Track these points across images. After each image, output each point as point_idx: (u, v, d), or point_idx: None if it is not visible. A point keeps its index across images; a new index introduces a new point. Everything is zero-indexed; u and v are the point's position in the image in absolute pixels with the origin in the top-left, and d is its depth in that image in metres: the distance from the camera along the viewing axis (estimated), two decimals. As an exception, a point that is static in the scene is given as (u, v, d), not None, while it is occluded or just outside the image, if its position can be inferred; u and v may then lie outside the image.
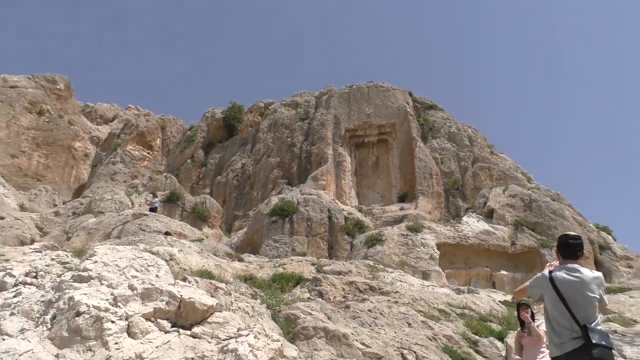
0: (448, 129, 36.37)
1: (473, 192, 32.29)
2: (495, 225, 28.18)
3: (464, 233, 27.55)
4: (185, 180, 41.12)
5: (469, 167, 33.88)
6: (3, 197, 34.94)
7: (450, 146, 35.16)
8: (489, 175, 32.95)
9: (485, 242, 27.19)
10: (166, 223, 26.68)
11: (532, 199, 29.34)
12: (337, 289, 12.71)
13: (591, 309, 5.28)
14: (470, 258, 27.11)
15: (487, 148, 35.43)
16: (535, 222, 27.97)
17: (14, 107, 47.94)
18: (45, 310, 7.07)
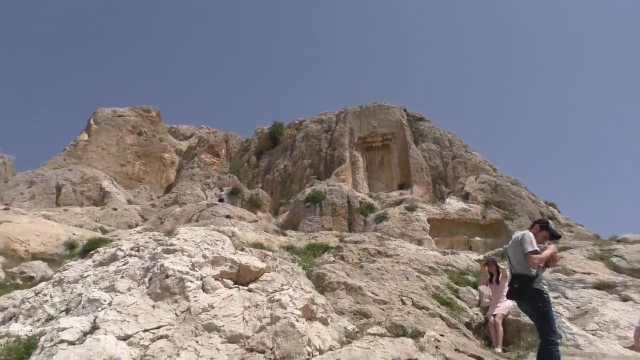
0: (433, 134, 36.12)
1: (453, 181, 32.02)
2: (470, 204, 27.90)
3: (447, 210, 27.34)
4: (243, 178, 41.34)
5: (449, 162, 33.63)
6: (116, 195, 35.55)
7: (435, 147, 34.91)
8: (465, 167, 32.64)
9: (463, 217, 26.97)
10: (230, 210, 26.86)
11: (497, 184, 28.98)
12: (354, 253, 12.67)
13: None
14: (452, 229, 26.88)
15: (463, 147, 35.12)
16: (500, 201, 27.63)
17: (121, 130, 48.66)
18: (144, 274, 7.16)
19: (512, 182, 29.48)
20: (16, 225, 16.09)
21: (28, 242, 15.14)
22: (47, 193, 33.52)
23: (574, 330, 8.24)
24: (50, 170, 38.24)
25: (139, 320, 5.76)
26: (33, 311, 7.15)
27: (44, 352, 4.98)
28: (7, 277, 11.83)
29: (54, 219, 21.28)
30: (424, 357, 5.59)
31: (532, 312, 5.71)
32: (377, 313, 7.82)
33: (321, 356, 5.52)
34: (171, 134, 60.44)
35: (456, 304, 9.55)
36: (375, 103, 38.76)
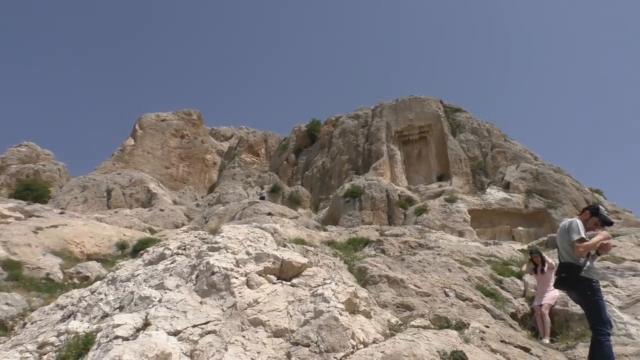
0: (471, 125, 35.39)
1: (493, 171, 31.29)
2: (511, 194, 27.23)
3: (488, 201, 26.80)
4: (283, 176, 41.67)
5: (488, 152, 32.86)
6: (162, 196, 36.50)
7: (473, 138, 34.19)
8: (505, 157, 31.81)
9: (504, 207, 26.38)
10: (271, 207, 27.15)
11: (538, 172, 28.16)
12: (395, 246, 12.56)
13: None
14: (494, 219, 26.33)
15: (502, 137, 34.26)
16: (542, 190, 26.84)
17: (165, 134, 49.92)
18: (191, 271, 7.30)
19: (555, 170, 28.56)
20: (72, 228, 16.75)
21: (83, 244, 15.73)
22: (98, 197, 34.75)
23: (626, 319, 7.91)
24: (100, 175, 39.62)
25: (188, 316, 5.89)
26: (89, 309, 7.42)
27: (100, 347, 5.16)
28: (65, 277, 12.34)
29: (106, 221, 22.04)
30: (469, 349, 5.48)
31: (582, 301, 5.51)
32: (420, 305, 7.73)
33: (365, 349, 5.49)
34: (212, 135, 61.50)
35: (500, 295, 9.32)
36: (411, 96, 38.29)
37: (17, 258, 12.09)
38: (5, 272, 11.08)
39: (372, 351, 5.35)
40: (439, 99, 38.25)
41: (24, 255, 12.53)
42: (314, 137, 45.00)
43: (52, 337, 6.13)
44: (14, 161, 43.47)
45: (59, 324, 7.38)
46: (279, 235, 11.00)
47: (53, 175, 41.67)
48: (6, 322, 8.62)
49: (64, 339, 5.93)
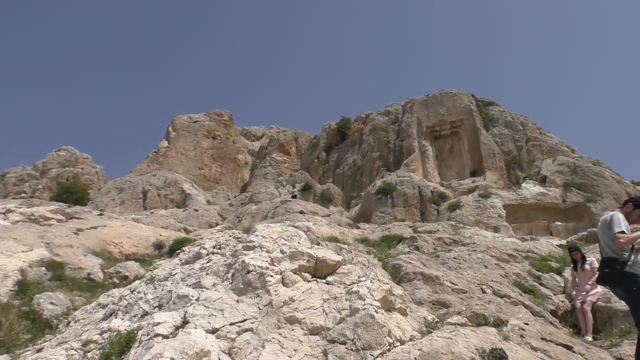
0: (504, 118, 34.65)
1: (528, 165, 30.58)
2: (548, 188, 26.57)
3: (523, 196, 26.24)
4: (314, 174, 41.78)
5: (523, 146, 32.10)
6: (196, 197, 37.11)
7: (507, 132, 33.47)
8: (540, 150, 31.02)
9: (541, 201, 25.76)
10: (303, 205, 27.24)
11: (576, 165, 27.37)
12: (429, 243, 12.44)
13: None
14: (530, 214, 25.76)
15: (537, 130, 33.41)
16: (580, 183, 26.07)
17: (197, 135, 50.74)
18: (227, 270, 7.39)
19: (593, 163, 27.69)
20: (110, 229, 17.20)
21: (121, 244, 16.14)
22: (134, 198, 35.60)
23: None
24: (136, 176, 40.56)
25: (225, 314, 5.97)
26: (130, 307, 7.61)
27: (141, 345, 5.29)
28: (105, 276, 12.69)
29: (143, 222, 22.56)
30: (509, 347, 5.38)
31: (627, 297, 5.31)
32: (457, 302, 7.63)
33: (402, 346, 5.46)
34: (243, 135, 62.15)
35: (539, 292, 9.11)
36: (442, 91, 37.78)
37: (60, 259, 12.50)
38: (49, 272, 11.47)
39: (409, 349, 5.32)
40: (471, 93, 37.60)
41: (66, 256, 12.94)
42: (345, 135, 44.94)
43: (95, 335, 6.32)
44: (54, 165, 44.99)
45: (101, 322, 7.60)
46: (312, 234, 11.03)
47: (91, 178, 42.94)
48: (51, 321, 8.92)
49: (106, 337, 6.10)
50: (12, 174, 42.74)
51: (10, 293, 9.65)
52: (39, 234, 14.01)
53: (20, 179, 42.21)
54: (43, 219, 16.44)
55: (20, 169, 43.79)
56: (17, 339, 8.19)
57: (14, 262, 10.98)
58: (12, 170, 43.28)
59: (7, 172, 43.04)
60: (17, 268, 10.76)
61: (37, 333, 8.51)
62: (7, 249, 11.55)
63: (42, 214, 16.78)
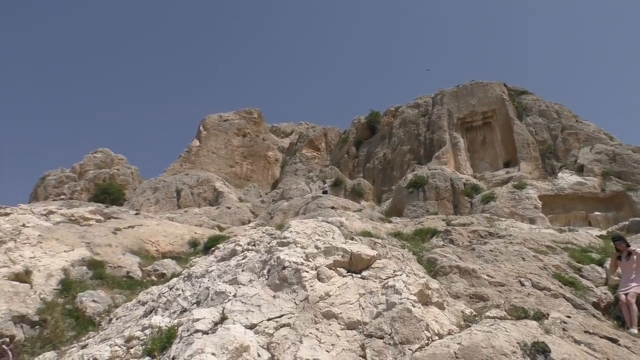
0: (538, 107, 33.81)
1: (564, 154, 29.80)
2: (585, 177, 25.82)
3: (560, 186, 25.56)
4: (344, 169, 41.72)
5: (558, 135, 31.29)
6: (228, 194, 37.58)
7: (541, 120, 32.66)
8: (577, 139, 30.17)
9: (578, 191, 25.05)
10: (334, 201, 27.28)
11: (615, 153, 26.50)
12: (464, 236, 12.26)
13: None
14: (567, 204, 25.08)
15: (573, 118, 32.48)
16: (620, 171, 25.24)
17: (227, 134, 51.38)
18: (263, 266, 7.47)
19: (634, 150, 26.74)
20: (146, 228, 17.59)
21: (158, 243, 16.49)
22: (168, 197, 36.31)
23: None
24: (169, 176, 41.36)
25: (262, 310, 6.04)
26: (169, 304, 7.78)
27: (182, 341, 5.40)
28: (143, 274, 12.99)
29: (177, 220, 22.99)
30: (551, 340, 5.27)
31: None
32: (495, 296, 7.51)
33: (441, 340, 5.41)
34: (272, 132, 62.54)
35: (581, 284, 8.87)
36: (473, 81, 37.11)
37: (100, 258, 12.86)
38: (90, 271, 11.82)
39: (448, 342, 5.27)
40: (502, 82, 36.84)
41: (105, 255, 13.31)
42: (374, 129, 44.69)
43: (137, 331, 6.48)
44: (91, 167, 46.29)
45: (142, 319, 7.80)
46: (346, 229, 11.02)
47: (127, 179, 43.97)
48: (94, 318, 9.20)
49: (148, 333, 6.26)
50: (51, 176, 44.17)
51: (55, 292, 9.99)
52: (79, 234, 14.44)
53: (59, 181, 43.59)
54: (83, 219, 16.93)
55: (59, 171, 45.21)
56: (63, 336, 8.49)
57: (57, 261, 11.36)
58: (51, 173, 44.72)
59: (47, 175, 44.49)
60: (60, 267, 11.12)
61: (81, 330, 8.80)
62: (50, 249, 11.95)
63: (82, 215, 17.29)
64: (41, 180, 44.19)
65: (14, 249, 11.16)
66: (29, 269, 10.34)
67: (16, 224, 12.90)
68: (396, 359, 5.17)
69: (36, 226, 13.26)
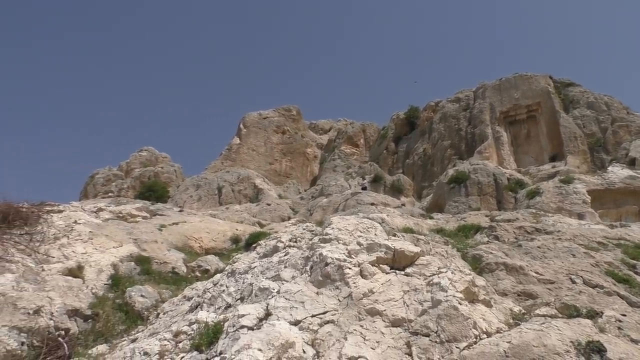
0: (586, 99, 32.58)
1: (614, 147, 28.60)
2: (638, 171, 24.71)
3: (610, 180, 24.55)
4: (383, 165, 41.38)
5: (608, 127, 30.06)
6: (268, 191, 37.92)
7: (589, 113, 31.45)
8: (628, 131, 28.91)
9: (630, 185, 23.98)
10: (374, 197, 27.11)
11: (670, 146, 25.30)
12: (509, 232, 11.94)
13: None
14: (618, 199, 24.05)
15: (624, 110, 31.12)
16: (676, 164, 24.06)
17: (267, 131, 51.84)
18: (305, 263, 7.49)
19: (690, 142, 25.43)
20: (190, 225, 17.96)
21: (201, 239, 16.81)
22: (210, 194, 36.97)
23: None
24: (211, 173, 42.09)
25: (306, 307, 6.05)
26: (214, 300, 7.90)
27: (228, 336, 5.47)
28: (188, 270, 13.27)
29: (219, 217, 23.37)
30: (607, 339, 5.05)
31: None
32: (544, 293, 7.28)
33: (489, 339, 5.27)
34: (311, 129, 62.64)
35: (635, 281, 8.48)
36: (516, 74, 36.10)
37: (147, 254, 13.21)
38: (138, 266, 12.15)
39: (497, 341, 5.13)
40: (548, 75, 35.66)
41: (152, 251, 13.66)
42: (413, 125, 44.15)
43: (184, 326, 6.62)
44: (137, 165, 47.62)
45: (188, 314, 7.95)
46: (387, 225, 10.91)
47: (170, 177, 45.04)
48: (142, 313, 9.45)
49: (195, 328, 6.37)
50: (100, 174, 45.68)
51: (105, 287, 10.32)
52: (127, 230, 14.88)
53: (107, 179, 45.05)
54: (130, 216, 17.43)
55: (107, 170, 46.71)
56: (114, 330, 8.75)
57: (107, 257, 11.73)
58: (100, 172, 46.25)
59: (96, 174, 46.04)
60: (110, 263, 11.48)
61: (130, 324, 9.06)
62: (100, 245, 12.36)
63: (129, 212, 17.80)
64: (90, 178, 45.76)
65: (67, 245, 11.58)
66: (81, 265, 10.71)
67: (68, 220, 13.39)
68: (443, 357, 5.07)
69: (87, 223, 13.73)
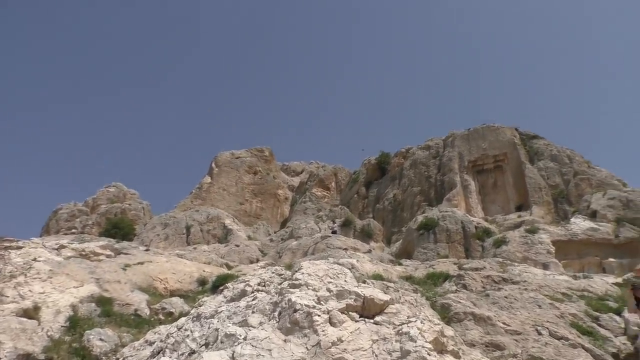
0: (550, 152, 33.85)
1: (577, 199, 29.57)
2: (599, 223, 25.54)
3: (573, 231, 25.28)
4: (354, 209, 41.58)
5: (570, 180, 31.17)
6: (237, 232, 37.47)
7: (553, 165, 32.62)
8: (589, 184, 30.01)
9: (592, 237, 24.73)
10: (344, 241, 27.09)
11: (629, 199, 26.28)
12: (477, 281, 12.04)
13: None
14: (580, 250, 24.72)
15: (585, 163, 32.43)
16: (634, 218, 24.96)
17: (239, 171, 51.69)
18: (273, 308, 7.34)
19: (648, 197, 26.51)
20: (156, 265, 17.51)
21: (166, 280, 16.37)
22: (178, 233, 36.26)
23: None
24: (180, 212, 41.42)
25: (273, 355, 5.89)
26: (177, 345, 7.62)
27: (191, 385, 5.26)
28: (151, 313, 12.84)
29: (186, 258, 22.87)
30: (573, 395, 5.07)
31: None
32: (511, 344, 7.30)
33: (457, 392, 5.22)
34: (283, 171, 62.79)
35: (599, 333, 8.62)
36: (484, 124, 37.39)
37: (109, 294, 12.76)
38: (99, 308, 11.71)
39: (465, 395, 5.08)
40: (514, 126, 37.07)
41: (114, 292, 13.20)
42: (384, 170, 44.81)
43: (144, 373, 6.34)
44: (104, 201, 46.54)
45: None
46: (357, 271, 10.88)
47: (138, 214, 44.10)
48: (100, 357, 9.05)
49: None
50: (64, 210, 44.42)
51: (62, 329, 9.87)
52: (89, 269, 14.39)
53: (71, 215, 43.80)
54: (93, 254, 16.91)
55: (71, 205, 45.48)
56: (68, 376, 8.32)
57: (66, 297, 11.28)
58: (64, 207, 44.99)
59: (60, 209, 44.75)
60: (69, 303, 11.03)
61: (87, 370, 8.64)
62: (60, 284, 11.89)
63: (93, 250, 17.28)
64: (53, 213, 44.45)
65: (23, 284, 11.10)
66: (38, 305, 10.26)
67: (27, 257, 12.89)
68: (411, 410, 4.98)
69: (47, 261, 13.24)
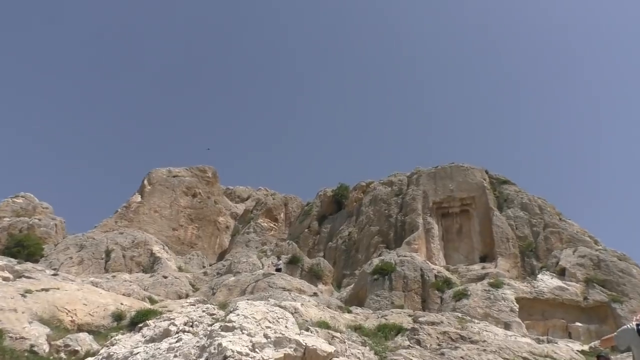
0: (520, 200, 35.02)
1: (545, 254, 30.53)
2: (567, 282, 26.39)
3: (539, 289, 25.99)
4: (303, 246, 41.44)
5: (540, 232, 32.22)
6: (167, 261, 36.52)
7: (523, 214, 33.70)
8: (559, 238, 31.11)
9: (559, 297, 25.48)
10: (288, 281, 26.85)
11: (600, 259, 27.35)
12: (432, 337, 12.09)
13: None
14: (546, 310, 25.39)
15: (556, 215, 33.66)
16: (604, 280, 25.93)
17: (175, 191, 50.70)
18: (200, 353, 7.08)
19: (619, 257, 27.70)
20: (64, 292, 16.71)
21: (75, 312, 15.62)
22: (96, 258, 34.93)
23: None
24: (100, 233, 40.05)
25: (192, 410, 5.63)
26: (77, 392, 7.21)
27: None
28: (51, 349, 12.17)
29: (102, 286, 21.99)
30: None
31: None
32: (466, 414, 7.29)
33: None
34: (227, 195, 62.11)
35: (561, 406, 8.76)
36: (452, 164, 38.39)
37: (1, 325, 12.02)
38: (-14, 340, 11.00)
39: None
40: (484, 169, 38.24)
41: (8, 322, 12.45)
42: (341, 204, 45.09)
43: None
44: (8, 213, 44.32)
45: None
46: (300, 316, 10.72)
47: (49, 231, 42.19)
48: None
49: None
50: (-42, 219, 42.06)
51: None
52: (-20, 293, 13.56)
53: (-34, 226, 41.48)
54: (-12, 275, 15.98)
55: (-32, 215, 43.13)
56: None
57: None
58: (-42, 216, 42.62)
59: (-47, 218, 42.36)
60: (-50, 332, 10.29)
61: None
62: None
63: (-13, 270, 16.34)
64: (-55, 222, 41.96)
65: None
66: None
67: None
68: None
69: None
